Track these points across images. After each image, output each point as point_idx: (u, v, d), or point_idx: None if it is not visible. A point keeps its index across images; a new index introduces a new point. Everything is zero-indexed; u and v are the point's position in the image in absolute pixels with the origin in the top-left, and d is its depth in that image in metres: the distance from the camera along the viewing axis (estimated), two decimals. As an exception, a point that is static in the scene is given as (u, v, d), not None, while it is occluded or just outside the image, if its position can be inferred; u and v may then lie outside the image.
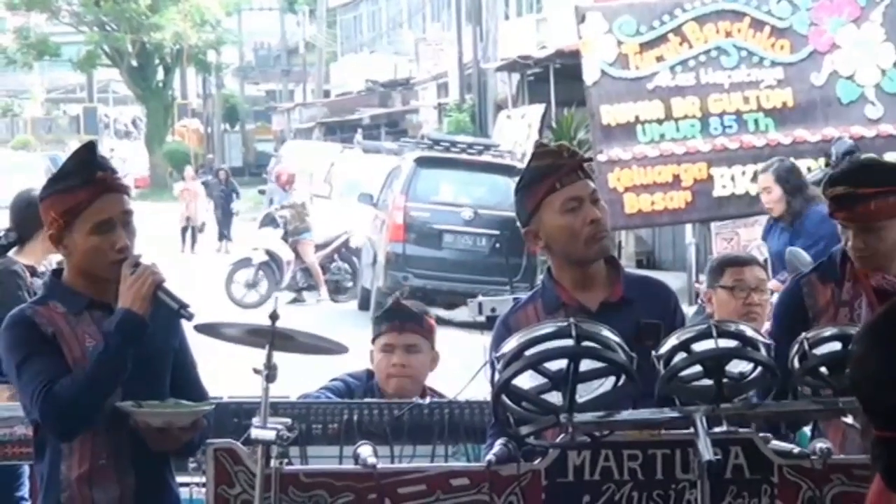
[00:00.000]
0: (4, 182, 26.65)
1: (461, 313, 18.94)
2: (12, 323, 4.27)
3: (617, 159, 12.88)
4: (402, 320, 5.48)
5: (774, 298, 7.06)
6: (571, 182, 4.50)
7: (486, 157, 20.13)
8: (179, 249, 31.57)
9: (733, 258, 6.56)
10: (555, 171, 4.50)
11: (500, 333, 4.47)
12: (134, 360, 4.19)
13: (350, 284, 21.96)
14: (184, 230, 32.71)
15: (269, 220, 22.15)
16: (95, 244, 4.26)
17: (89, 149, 4.39)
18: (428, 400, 5.28)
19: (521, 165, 20.56)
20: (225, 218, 32.95)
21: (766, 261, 9.09)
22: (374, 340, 5.52)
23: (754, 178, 11.95)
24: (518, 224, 4.70)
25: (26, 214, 6.46)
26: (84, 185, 4.26)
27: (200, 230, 32.93)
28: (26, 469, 6.30)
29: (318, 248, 22.01)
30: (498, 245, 19.37)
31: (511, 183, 19.83)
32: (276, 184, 24.34)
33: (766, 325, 6.60)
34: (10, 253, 6.73)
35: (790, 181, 9.61)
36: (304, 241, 21.90)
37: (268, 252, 21.27)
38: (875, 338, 2.77)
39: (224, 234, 32.83)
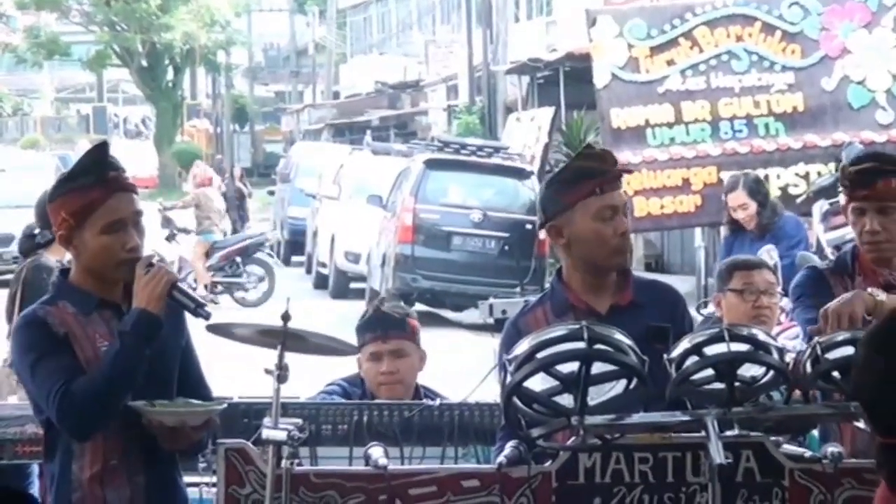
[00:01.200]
0: (14, 181, 26.71)
1: (470, 315, 18.94)
2: (25, 323, 4.27)
3: (626, 163, 12.87)
4: (386, 328, 5.45)
5: (784, 303, 7.05)
6: (611, 191, 4.51)
7: (495, 160, 20.13)
8: None
9: (742, 261, 6.55)
10: (599, 175, 4.50)
11: (510, 335, 4.47)
12: (146, 359, 4.20)
13: (260, 291, 21.33)
14: None
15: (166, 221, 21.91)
16: (106, 244, 4.26)
17: (101, 148, 4.39)
18: (438, 401, 5.27)
19: (531, 168, 20.61)
20: (241, 220, 32.48)
21: (775, 265, 9.08)
22: (359, 349, 5.49)
23: (764, 183, 11.92)
24: (540, 218, 4.66)
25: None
26: (96, 184, 4.26)
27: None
28: (35, 468, 6.31)
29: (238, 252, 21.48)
30: (507, 247, 19.38)
31: (520, 185, 19.86)
32: (192, 184, 24.12)
33: (776, 329, 6.60)
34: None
35: (760, 192, 9.59)
36: (195, 242, 21.64)
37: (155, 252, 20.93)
38: (877, 345, 2.77)
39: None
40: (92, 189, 4.26)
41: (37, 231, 7.24)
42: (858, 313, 4.53)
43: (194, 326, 4.42)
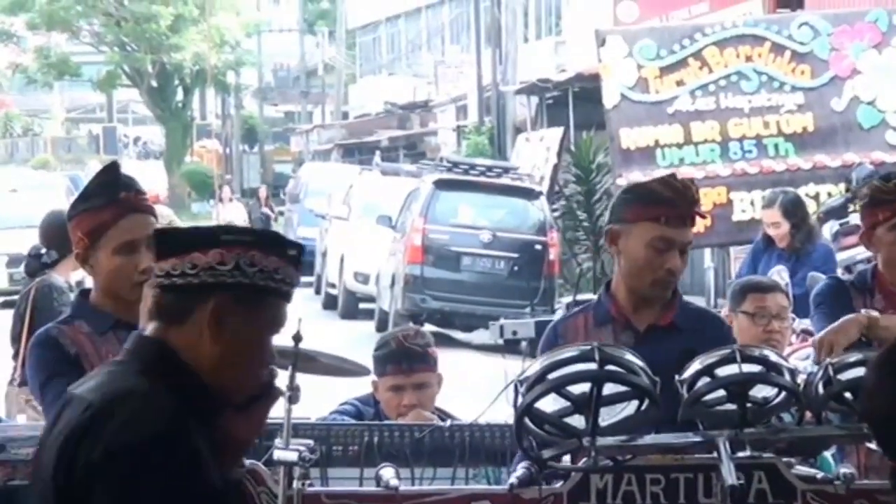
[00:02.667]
0: (25, 201, 26.75)
1: (479, 336, 18.92)
2: (37, 343, 4.29)
3: (635, 184, 12.88)
4: (410, 363, 5.44)
5: (796, 325, 7.03)
6: (675, 226, 4.47)
7: (504, 180, 20.13)
8: None
9: (756, 283, 6.53)
10: (667, 205, 4.47)
11: (549, 339, 4.51)
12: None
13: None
14: None
15: None
16: (119, 264, 4.26)
17: (112, 169, 4.40)
18: (449, 422, 5.27)
19: (540, 188, 20.61)
20: None
21: (787, 285, 9.06)
22: (377, 377, 5.48)
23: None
24: (609, 220, 4.62)
25: (56, 233, 6.77)
26: (107, 205, 4.26)
27: None
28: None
29: None
30: (516, 268, 19.36)
31: (529, 205, 19.86)
32: None
33: (787, 350, 6.59)
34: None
35: (796, 214, 9.56)
36: None
37: None
38: (887, 370, 2.75)
39: None
40: (103, 210, 4.26)
41: (42, 251, 7.32)
42: (852, 337, 4.54)
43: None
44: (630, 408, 4.07)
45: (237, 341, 2.94)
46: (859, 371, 4.09)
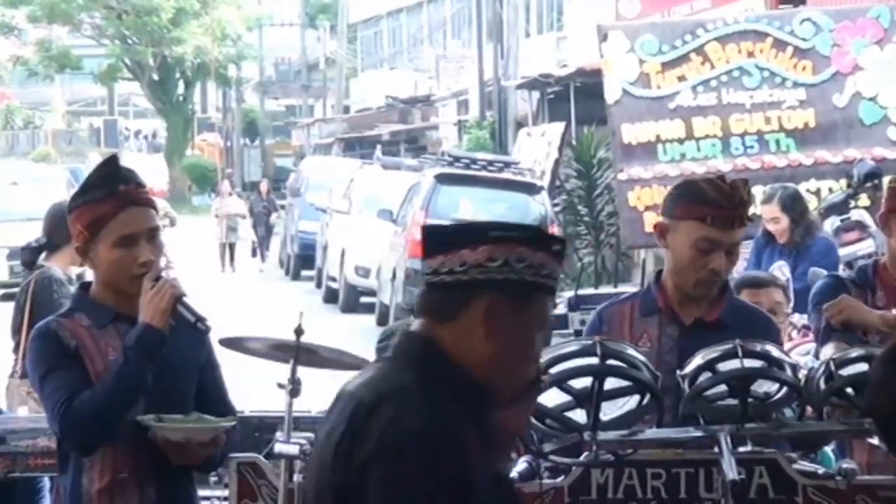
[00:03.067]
0: (26, 194, 26.76)
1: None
2: (36, 336, 4.28)
3: (637, 178, 12.87)
4: None
5: (795, 319, 7.02)
6: (720, 227, 4.43)
7: (506, 175, 20.13)
8: (219, 269, 30.49)
9: (751, 279, 6.52)
10: (713, 206, 4.43)
11: (593, 325, 4.52)
12: (157, 373, 4.19)
13: None
14: (222, 248, 31.24)
15: None
16: (119, 257, 4.26)
17: (112, 162, 4.40)
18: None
19: (541, 183, 20.60)
20: (267, 235, 31.78)
21: (788, 280, 9.06)
22: None
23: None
24: (662, 213, 4.61)
25: (57, 223, 6.80)
26: (107, 197, 4.26)
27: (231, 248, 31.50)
28: (46, 482, 6.32)
29: None
30: (517, 262, 19.35)
31: (530, 200, 19.86)
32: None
33: (789, 345, 6.58)
34: (41, 259, 7.17)
35: (795, 209, 9.56)
36: None
37: None
38: (892, 365, 2.74)
39: (265, 254, 31.48)
40: (103, 202, 4.26)
41: (33, 242, 7.37)
42: (865, 319, 4.55)
43: (213, 340, 4.41)
44: (631, 402, 4.07)
45: (508, 338, 2.90)
46: (861, 367, 4.09)
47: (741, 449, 4.11)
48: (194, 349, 4.35)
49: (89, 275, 4.53)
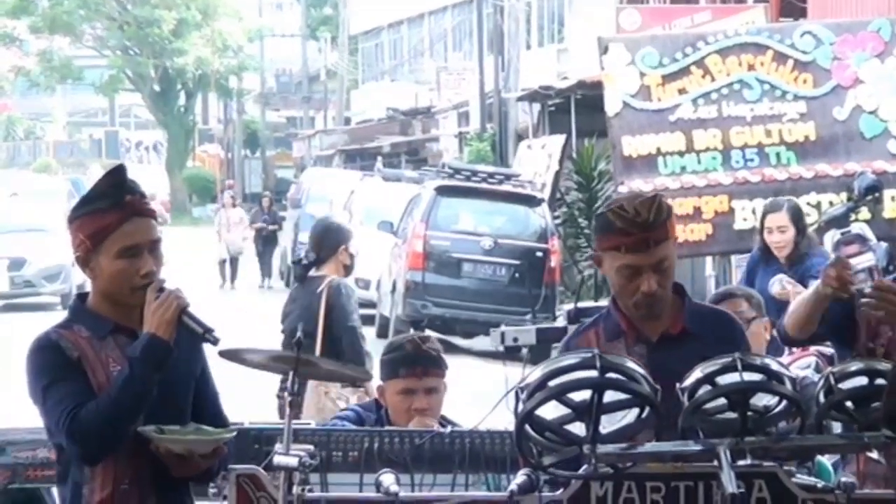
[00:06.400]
0: (27, 205, 26.76)
1: (480, 342, 18.91)
2: (38, 347, 4.27)
3: (638, 191, 12.86)
4: (425, 366, 5.46)
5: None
6: (635, 252, 4.46)
7: (506, 187, 20.14)
8: (219, 285, 29.70)
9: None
10: (622, 235, 4.47)
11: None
12: (157, 384, 4.19)
13: None
14: (222, 263, 30.33)
15: None
16: (121, 268, 4.25)
17: (119, 172, 4.39)
18: (449, 429, 5.27)
19: (542, 195, 20.60)
20: (267, 250, 30.85)
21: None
22: (386, 380, 5.47)
23: (775, 212, 11.88)
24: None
25: (322, 238, 8.34)
26: (112, 208, 4.25)
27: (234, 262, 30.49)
28: (50, 492, 6.31)
29: None
30: (518, 274, 19.36)
31: (531, 212, 19.86)
32: None
33: (788, 358, 6.57)
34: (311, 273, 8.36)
35: (801, 221, 9.54)
36: None
37: None
38: None
39: (267, 269, 30.65)
40: (108, 213, 4.25)
41: (302, 255, 8.52)
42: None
43: (207, 352, 4.41)
44: (630, 415, 4.07)
45: None
46: (860, 380, 4.09)
47: (740, 462, 4.10)
48: (190, 360, 4.35)
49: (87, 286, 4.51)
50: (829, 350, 6.53)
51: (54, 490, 5.29)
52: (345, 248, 8.39)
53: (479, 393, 7.92)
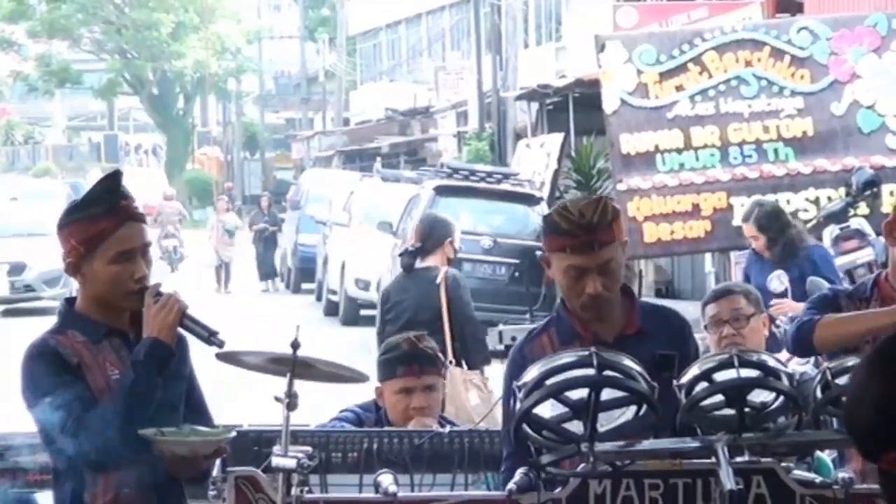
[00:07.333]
0: (26, 209, 26.74)
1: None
2: (37, 353, 4.25)
3: (636, 188, 12.87)
4: (422, 364, 5.46)
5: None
6: (580, 254, 4.46)
7: (505, 186, 20.13)
8: (214, 289, 29.53)
9: (712, 293, 6.49)
10: (566, 236, 4.48)
11: (515, 362, 4.47)
12: (161, 387, 4.20)
13: None
14: (217, 268, 30.26)
15: None
16: (115, 273, 4.25)
17: (114, 178, 4.39)
18: (448, 428, 5.27)
19: (540, 194, 20.59)
20: (268, 252, 30.82)
21: (786, 290, 9.06)
22: (384, 381, 5.48)
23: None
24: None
25: (429, 230, 8.92)
26: (107, 213, 4.25)
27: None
28: (38, 499, 6.30)
29: None
30: (517, 274, 19.36)
31: (530, 212, 19.86)
32: None
33: (785, 355, 6.56)
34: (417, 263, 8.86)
35: (772, 227, 9.54)
36: None
37: None
38: (873, 373, 2.59)
39: (269, 272, 30.57)
40: (102, 218, 4.25)
41: (409, 247, 9.07)
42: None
43: (204, 354, 4.42)
44: (628, 413, 4.07)
45: None
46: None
47: (738, 459, 4.10)
48: (180, 362, 4.35)
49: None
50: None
51: (38, 496, 5.28)
52: (450, 240, 8.76)
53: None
